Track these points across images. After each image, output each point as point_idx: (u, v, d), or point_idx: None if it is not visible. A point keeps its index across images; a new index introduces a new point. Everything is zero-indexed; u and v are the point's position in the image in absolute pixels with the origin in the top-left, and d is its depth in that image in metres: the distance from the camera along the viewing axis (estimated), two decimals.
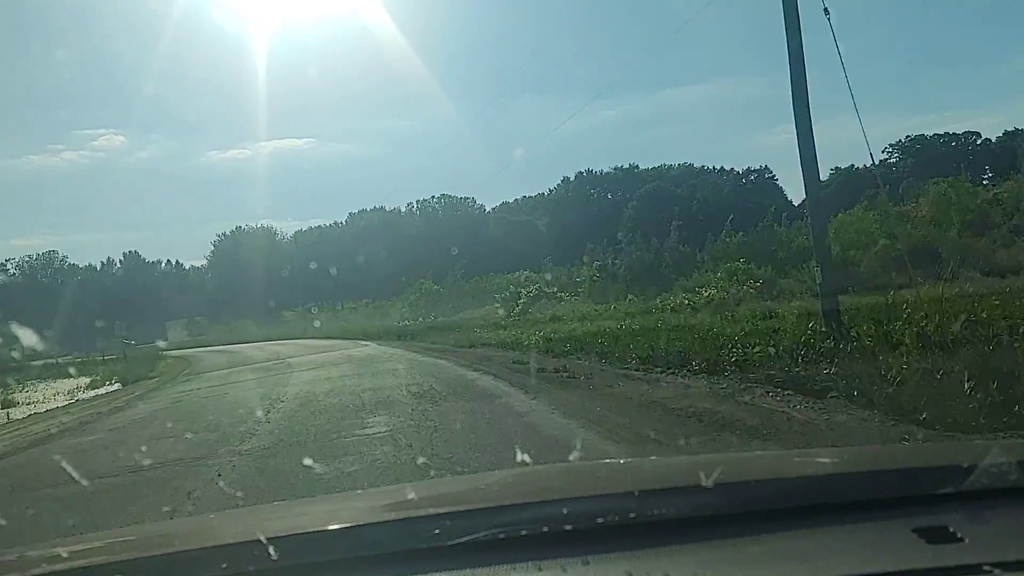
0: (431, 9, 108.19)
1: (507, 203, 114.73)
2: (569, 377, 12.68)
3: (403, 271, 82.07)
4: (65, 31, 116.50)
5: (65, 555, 1.56)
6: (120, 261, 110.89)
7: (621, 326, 19.39)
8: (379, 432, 8.90)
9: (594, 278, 29.21)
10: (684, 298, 24.19)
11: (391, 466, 7.13)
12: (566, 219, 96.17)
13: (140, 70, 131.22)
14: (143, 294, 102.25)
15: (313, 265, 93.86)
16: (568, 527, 1.43)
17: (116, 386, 23.75)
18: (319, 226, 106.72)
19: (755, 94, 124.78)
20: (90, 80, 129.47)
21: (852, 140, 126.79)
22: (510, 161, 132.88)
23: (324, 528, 1.57)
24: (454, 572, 1.35)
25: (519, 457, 6.37)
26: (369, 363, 20.36)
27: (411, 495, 1.86)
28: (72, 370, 32.36)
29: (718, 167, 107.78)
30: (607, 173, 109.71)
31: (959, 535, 1.38)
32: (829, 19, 11.79)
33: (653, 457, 5.67)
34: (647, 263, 28.71)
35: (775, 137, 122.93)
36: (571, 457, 6.38)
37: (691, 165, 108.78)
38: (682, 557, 1.36)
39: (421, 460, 7.10)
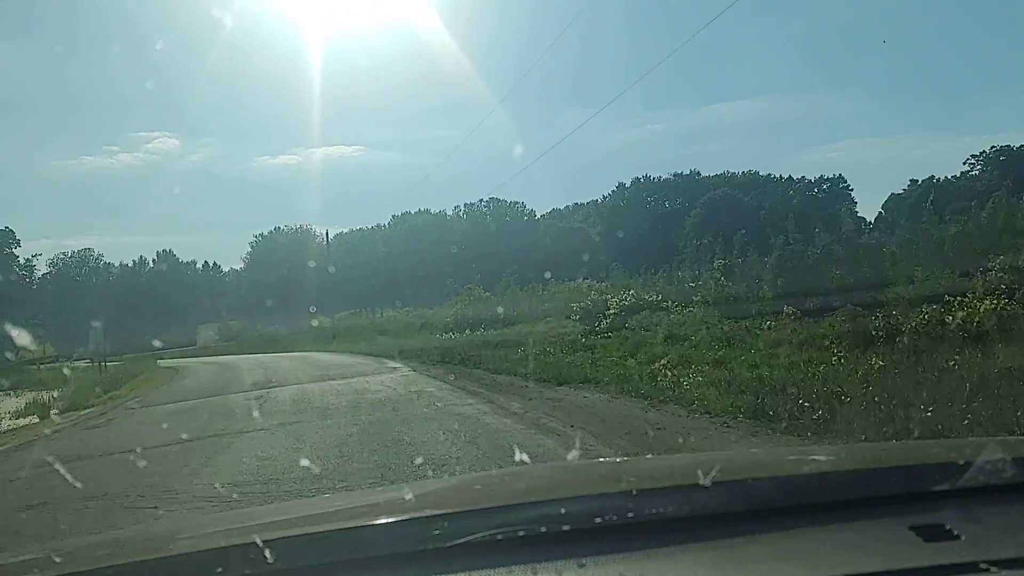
0: (483, 20, 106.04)
1: (557, 210, 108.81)
2: None
3: (448, 276, 76.51)
4: (123, 35, 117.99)
5: (58, 560, 1.55)
6: (153, 260, 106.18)
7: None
8: None
9: (721, 283, 21.59)
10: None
11: None
12: (620, 226, 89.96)
13: (195, 75, 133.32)
14: (176, 294, 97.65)
15: (351, 269, 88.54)
16: (566, 527, 1.42)
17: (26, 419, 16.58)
18: (360, 229, 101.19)
19: (804, 111, 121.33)
20: (146, 83, 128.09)
21: (929, 154, 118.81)
22: (556, 168, 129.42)
23: (320, 530, 1.54)
24: (451, 575, 1.33)
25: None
26: (386, 430, 10.23)
27: (408, 496, 1.79)
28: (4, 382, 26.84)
29: (785, 175, 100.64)
30: (666, 180, 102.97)
31: (956, 533, 1.38)
32: None
33: (649, 456, 5.81)
34: (806, 264, 20.85)
35: (825, 155, 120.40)
36: None
37: (756, 173, 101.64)
38: (680, 557, 1.36)
39: None
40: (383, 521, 1.58)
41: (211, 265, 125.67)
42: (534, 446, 8.32)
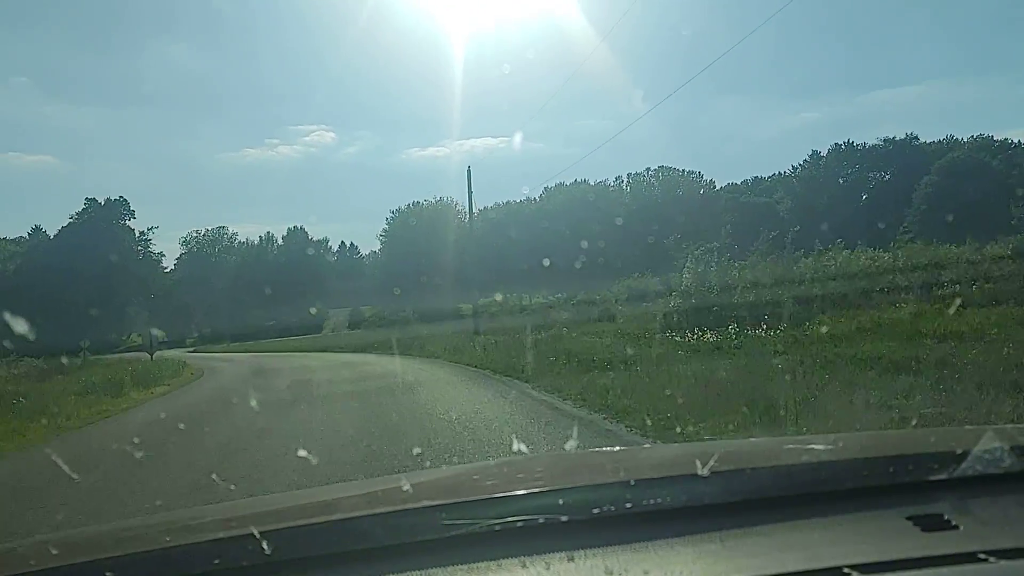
0: (626, 10, 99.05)
1: (734, 184, 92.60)
2: None
3: (613, 257, 63.37)
4: (284, 33, 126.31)
5: (55, 551, 1.53)
6: (283, 237, 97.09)
7: None
8: None
9: None
10: None
11: None
12: (817, 199, 73.76)
13: (351, 71, 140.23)
14: (306, 276, 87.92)
15: (497, 248, 76.05)
16: (564, 518, 1.42)
17: None
18: (508, 203, 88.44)
19: (969, 97, 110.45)
20: (305, 79, 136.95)
21: None
22: (707, 160, 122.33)
23: (317, 521, 1.53)
24: (448, 568, 1.33)
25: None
26: None
27: (406, 487, 1.74)
28: None
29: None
30: (873, 147, 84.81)
31: (953, 522, 1.38)
32: None
33: (647, 445, 6.11)
34: None
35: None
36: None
37: (990, 137, 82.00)
38: (678, 547, 1.36)
39: None
40: (381, 511, 1.57)
41: (347, 246, 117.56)
42: None
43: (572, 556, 1.32)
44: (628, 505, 1.45)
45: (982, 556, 1.24)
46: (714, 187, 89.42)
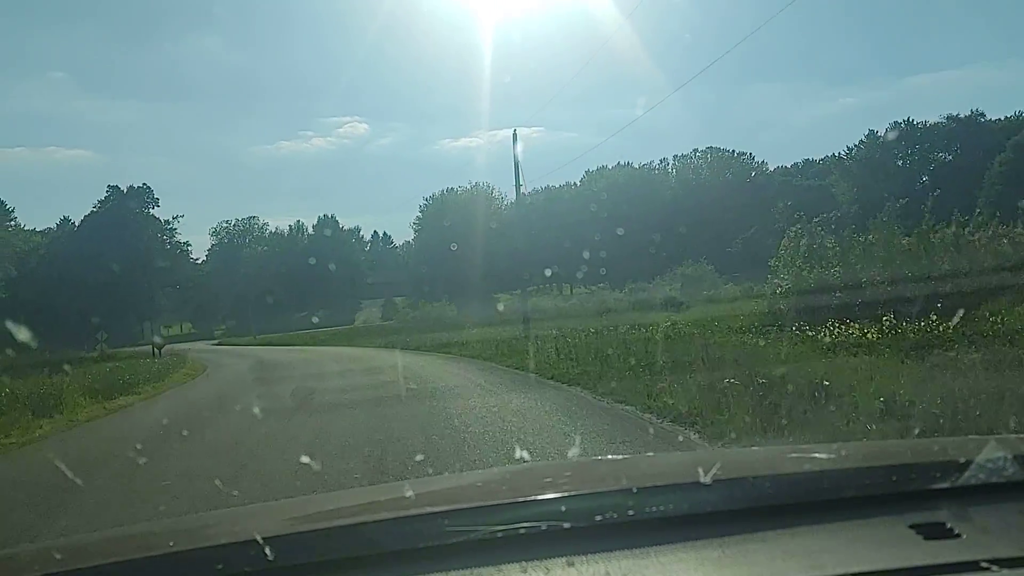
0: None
1: (783, 167, 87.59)
2: None
3: (660, 243, 59.22)
4: (317, 26, 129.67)
5: (58, 556, 1.54)
6: (313, 226, 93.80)
7: None
8: None
9: None
10: None
11: None
12: (876, 182, 69.25)
13: (384, 62, 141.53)
14: (337, 267, 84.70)
15: (534, 237, 72.12)
16: (567, 525, 1.42)
17: None
18: (547, 187, 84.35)
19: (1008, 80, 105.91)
20: (338, 71, 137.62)
21: None
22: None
23: (320, 527, 1.54)
24: (450, 573, 1.32)
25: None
26: None
27: (408, 493, 1.78)
28: None
29: None
30: (935, 125, 79.46)
31: (956, 531, 1.37)
32: None
33: (650, 453, 5.91)
34: None
35: None
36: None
37: None
38: (681, 554, 1.35)
39: None
40: (384, 517, 1.58)
41: (380, 236, 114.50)
42: None
43: (572, 562, 1.32)
44: (631, 512, 1.45)
45: (985, 565, 1.24)
46: (765, 169, 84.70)
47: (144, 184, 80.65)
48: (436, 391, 13.08)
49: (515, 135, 35.93)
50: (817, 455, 1.93)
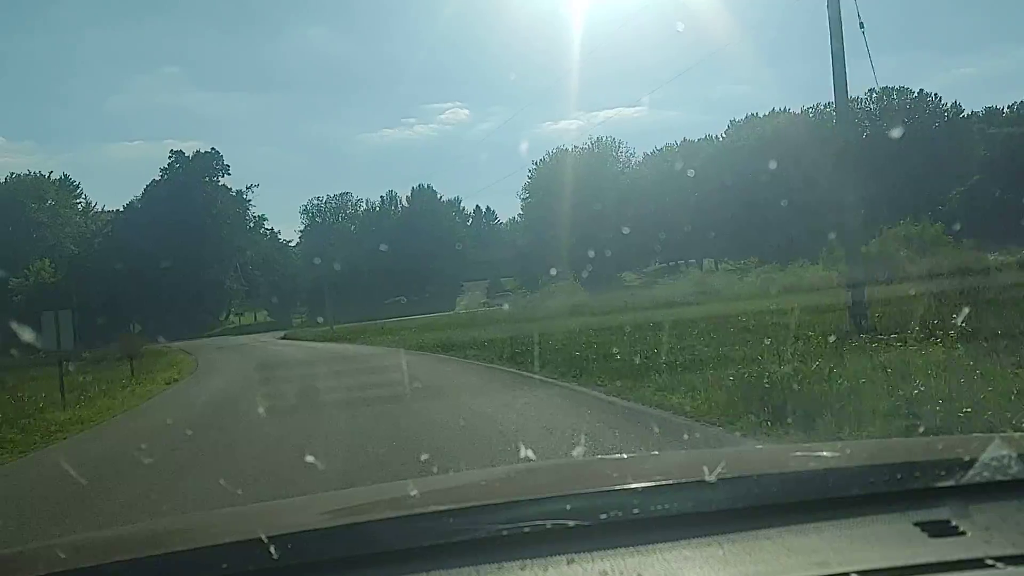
0: None
1: (974, 113, 71.15)
2: None
3: (828, 205, 45.43)
4: (416, 13, 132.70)
5: (63, 555, 1.54)
6: (407, 198, 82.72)
7: None
8: None
9: None
10: None
11: None
12: None
13: (483, 47, 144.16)
14: (435, 243, 73.47)
15: (664, 199, 58.79)
16: (571, 524, 1.41)
17: None
18: (684, 141, 70.78)
19: None
20: (439, 58, 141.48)
21: None
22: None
23: (324, 526, 1.55)
24: (453, 570, 1.33)
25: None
26: None
27: (413, 492, 1.81)
28: None
29: None
30: None
31: (961, 528, 1.38)
32: None
33: (655, 453, 5.91)
34: None
35: None
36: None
37: None
38: (686, 552, 1.36)
39: None
40: (388, 516, 1.60)
41: (483, 211, 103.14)
42: None
43: (572, 559, 1.32)
44: (635, 511, 1.45)
45: (989, 562, 1.25)
46: (959, 112, 68.71)
47: (213, 149, 70.65)
48: None
49: None
50: (822, 453, 1.96)
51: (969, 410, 6.08)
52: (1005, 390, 6.73)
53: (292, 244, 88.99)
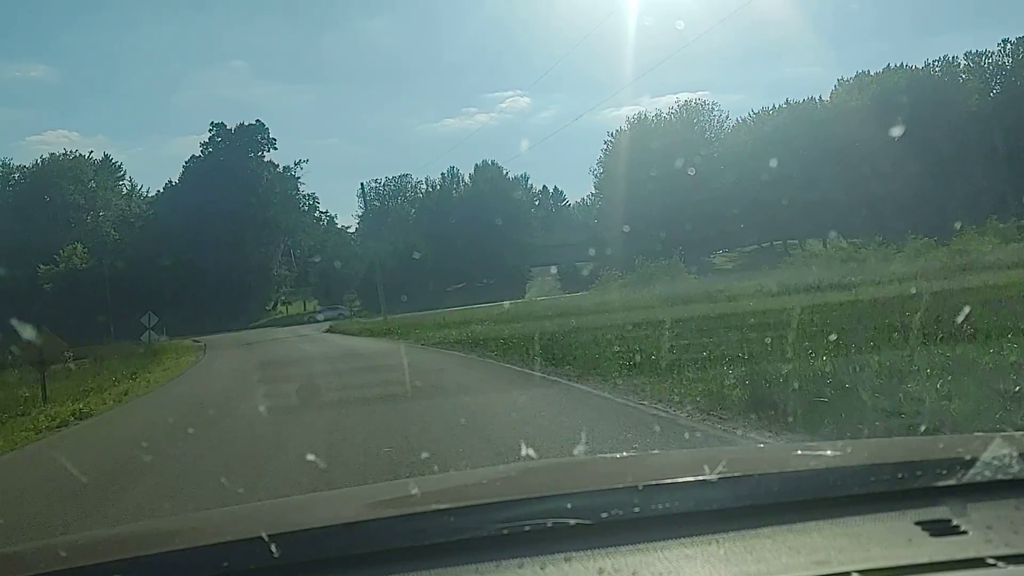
0: None
1: None
2: None
3: (960, 177, 37.57)
4: (476, 5, 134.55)
5: (64, 553, 1.55)
6: (470, 175, 76.00)
7: None
8: None
9: None
10: None
11: None
12: None
13: (543, 36, 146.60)
14: (501, 224, 66.74)
15: (774, 163, 51.01)
16: (572, 522, 1.42)
17: None
18: (786, 103, 62.66)
19: None
20: (499, 47, 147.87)
21: None
22: None
23: (326, 525, 1.54)
24: (454, 569, 1.34)
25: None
26: None
27: (414, 490, 1.82)
28: None
29: None
30: None
31: (961, 528, 1.39)
32: None
33: (655, 451, 5.86)
34: None
35: None
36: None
37: None
38: (686, 551, 1.37)
39: None
40: (389, 515, 1.58)
41: (552, 191, 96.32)
42: None
43: (570, 557, 1.33)
44: (636, 509, 1.45)
45: (991, 561, 1.25)
46: None
47: (258, 121, 64.49)
48: None
49: None
50: (823, 452, 1.95)
51: None
52: None
53: (350, 230, 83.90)
